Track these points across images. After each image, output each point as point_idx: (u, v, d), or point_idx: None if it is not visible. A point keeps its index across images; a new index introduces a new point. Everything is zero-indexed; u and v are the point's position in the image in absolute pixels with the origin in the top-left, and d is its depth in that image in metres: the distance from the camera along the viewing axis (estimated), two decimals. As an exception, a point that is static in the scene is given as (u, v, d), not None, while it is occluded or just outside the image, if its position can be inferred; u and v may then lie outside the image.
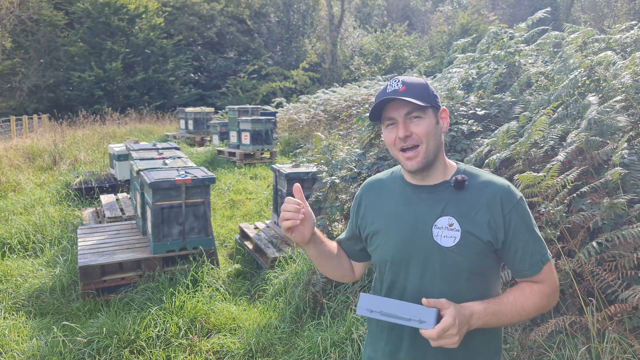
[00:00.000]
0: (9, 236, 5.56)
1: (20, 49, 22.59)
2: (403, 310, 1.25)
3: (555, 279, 1.42)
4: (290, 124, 14.06)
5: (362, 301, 1.30)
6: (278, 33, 30.42)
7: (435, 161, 1.40)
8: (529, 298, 1.37)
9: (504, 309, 1.33)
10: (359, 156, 4.03)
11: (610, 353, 2.31)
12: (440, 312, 1.23)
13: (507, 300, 1.35)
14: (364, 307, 1.29)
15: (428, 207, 1.41)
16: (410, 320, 1.23)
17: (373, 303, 1.29)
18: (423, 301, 1.23)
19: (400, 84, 1.36)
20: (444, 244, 1.36)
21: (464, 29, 24.48)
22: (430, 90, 1.38)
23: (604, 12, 19.04)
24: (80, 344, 3.39)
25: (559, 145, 3.03)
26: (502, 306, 1.33)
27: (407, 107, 1.35)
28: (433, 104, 1.38)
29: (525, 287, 1.39)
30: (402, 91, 1.34)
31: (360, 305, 1.30)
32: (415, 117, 1.36)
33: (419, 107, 1.35)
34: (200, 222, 4.70)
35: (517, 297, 1.36)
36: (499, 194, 1.37)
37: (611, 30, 4.52)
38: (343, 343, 3.13)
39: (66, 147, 11.20)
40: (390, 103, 1.37)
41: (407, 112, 1.35)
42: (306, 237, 1.44)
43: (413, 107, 1.35)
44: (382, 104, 1.36)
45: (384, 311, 1.26)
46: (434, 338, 1.19)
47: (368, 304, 1.29)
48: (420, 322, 1.22)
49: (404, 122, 1.36)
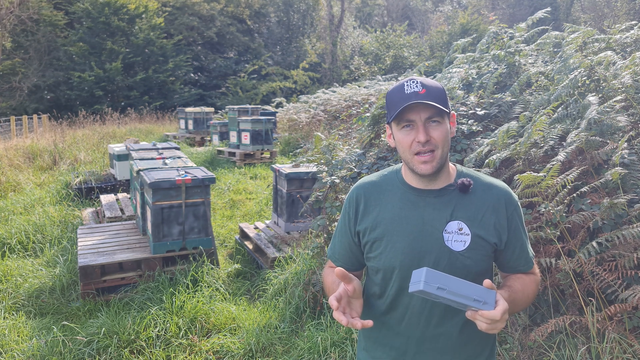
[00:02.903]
0: (9, 236, 5.56)
1: (20, 49, 22.58)
2: (467, 289, 1.18)
3: (539, 270, 1.54)
4: (290, 124, 14.07)
5: (427, 276, 1.18)
6: (278, 33, 30.42)
7: (445, 165, 1.40)
8: (529, 286, 1.44)
9: (517, 297, 1.37)
10: (359, 156, 4.03)
11: (610, 353, 2.31)
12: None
13: (518, 289, 1.39)
14: (430, 282, 1.17)
15: (436, 212, 1.40)
16: (474, 301, 1.17)
17: (438, 279, 1.17)
18: (486, 283, 1.19)
19: (420, 86, 1.33)
20: (455, 248, 1.37)
21: (464, 29, 24.50)
22: (447, 96, 1.37)
23: (604, 12, 19.04)
24: (80, 344, 3.39)
25: (559, 145, 3.03)
26: (516, 294, 1.37)
27: (429, 111, 1.33)
28: (450, 110, 1.38)
29: (524, 276, 1.46)
30: (423, 94, 1.31)
31: (426, 280, 1.17)
32: (434, 121, 1.34)
33: (440, 112, 1.33)
34: (200, 222, 4.70)
35: (523, 285, 1.42)
36: (503, 197, 1.42)
37: (611, 30, 4.52)
38: (343, 343, 3.13)
39: (66, 147, 11.20)
40: (411, 105, 1.32)
41: (428, 116, 1.33)
42: (359, 307, 1.36)
43: (435, 112, 1.33)
44: (405, 107, 1.32)
45: (451, 289, 1.17)
46: (497, 319, 1.17)
47: (434, 279, 1.17)
48: (484, 303, 1.18)
49: (424, 125, 1.33)
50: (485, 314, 1.17)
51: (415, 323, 1.41)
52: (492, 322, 1.18)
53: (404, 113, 1.33)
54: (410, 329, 1.43)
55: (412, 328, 1.42)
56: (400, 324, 1.44)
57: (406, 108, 1.32)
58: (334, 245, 1.59)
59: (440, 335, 1.40)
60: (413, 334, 1.42)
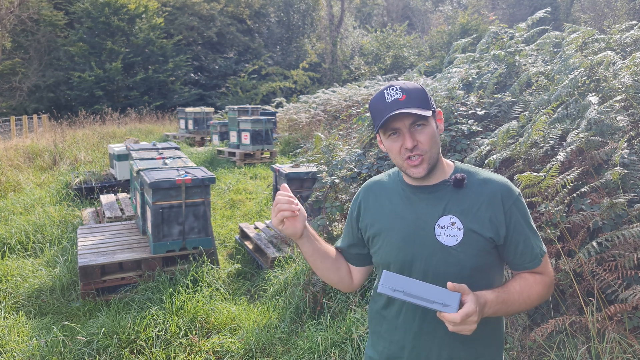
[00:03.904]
0: (9, 236, 5.56)
1: (20, 49, 22.58)
2: (427, 292, 1.21)
3: (551, 270, 1.47)
4: (290, 124, 14.07)
5: (385, 279, 1.24)
6: (278, 33, 30.42)
7: (437, 163, 1.41)
8: (532, 287, 1.40)
9: (511, 298, 1.35)
10: (359, 156, 4.03)
11: (610, 353, 2.31)
12: (462, 297, 1.22)
13: (515, 290, 1.37)
14: (387, 285, 1.23)
15: (429, 207, 1.41)
16: (433, 303, 1.20)
17: (397, 282, 1.23)
18: (448, 285, 1.21)
19: (399, 92, 1.34)
20: (447, 242, 1.37)
21: (464, 29, 24.51)
22: (428, 95, 1.38)
23: (604, 12, 19.04)
24: (80, 344, 3.39)
25: (559, 145, 3.03)
26: (510, 295, 1.35)
27: (412, 117, 1.34)
28: (432, 109, 1.38)
29: (528, 277, 1.42)
30: (403, 100, 1.33)
31: (383, 283, 1.23)
32: (419, 124, 1.35)
33: (423, 117, 1.34)
34: (200, 222, 4.70)
35: (523, 286, 1.39)
36: (499, 191, 1.39)
37: (611, 30, 4.52)
38: (343, 343, 3.13)
39: (66, 147, 11.20)
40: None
41: (411, 122, 1.35)
42: (298, 229, 1.43)
43: (417, 117, 1.34)
44: (388, 118, 1.33)
45: (407, 291, 1.21)
46: (457, 322, 1.18)
47: (392, 282, 1.23)
48: (443, 305, 1.19)
49: (409, 131, 1.35)
50: (444, 316, 1.20)
51: (411, 317, 1.43)
52: (454, 324, 1.19)
53: (388, 122, 1.35)
54: (407, 323, 1.44)
55: (408, 322, 1.44)
56: (397, 317, 1.46)
57: (389, 118, 1.33)
58: (341, 240, 1.66)
59: (437, 330, 1.40)
60: (410, 328, 1.43)
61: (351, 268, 1.64)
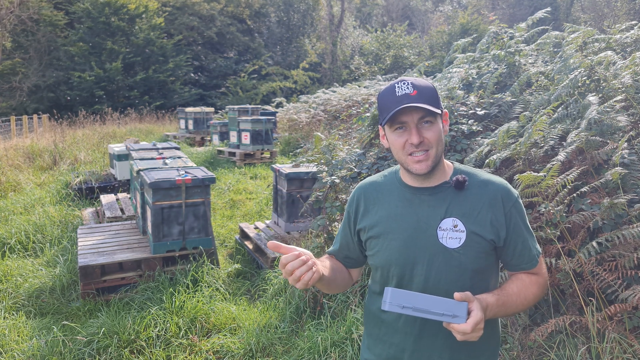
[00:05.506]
0: (9, 236, 5.56)
1: (20, 49, 22.57)
2: (434, 304, 1.21)
3: (546, 270, 1.48)
4: (290, 124, 14.07)
5: (392, 296, 1.23)
6: (278, 33, 30.41)
7: (439, 163, 1.41)
8: (529, 288, 1.41)
9: (510, 300, 1.36)
10: (359, 156, 4.03)
11: (610, 353, 2.31)
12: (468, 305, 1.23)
13: (512, 291, 1.38)
14: (394, 302, 1.22)
15: (431, 209, 1.40)
16: (442, 315, 1.20)
17: (403, 298, 1.22)
18: (455, 295, 1.21)
19: (411, 87, 1.33)
20: (450, 245, 1.37)
21: (464, 29, 24.49)
22: (438, 95, 1.38)
23: (604, 12, 19.03)
24: (80, 344, 3.39)
25: (559, 145, 3.03)
26: (508, 297, 1.36)
27: (421, 112, 1.33)
28: (442, 108, 1.38)
29: (524, 278, 1.43)
30: (414, 96, 1.32)
31: (391, 301, 1.22)
32: (426, 121, 1.34)
33: (432, 113, 1.33)
34: (200, 222, 4.70)
35: (520, 287, 1.39)
36: (500, 193, 1.39)
37: (611, 30, 4.52)
38: (343, 343, 3.13)
39: (66, 147, 11.20)
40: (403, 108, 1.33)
41: (420, 117, 1.34)
42: (316, 278, 1.32)
43: (427, 113, 1.33)
44: (397, 110, 1.31)
45: (416, 306, 1.21)
46: (468, 332, 1.18)
47: (398, 299, 1.22)
48: (453, 316, 1.19)
49: (417, 127, 1.34)
50: (455, 327, 1.19)
51: (412, 320, 1.42)
52: (464, 334, 1.19)
53: (396, 116, 1.34)
54: (408, 325, 1.43)
55: (409, 325, 1.43)
56: (398, 320, 1.45)
57: (398, 111, 1.32)
58: (335, 242, 1.64)
59: (439, 333, 1.39)
60: (411, 331, 1.43)
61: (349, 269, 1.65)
